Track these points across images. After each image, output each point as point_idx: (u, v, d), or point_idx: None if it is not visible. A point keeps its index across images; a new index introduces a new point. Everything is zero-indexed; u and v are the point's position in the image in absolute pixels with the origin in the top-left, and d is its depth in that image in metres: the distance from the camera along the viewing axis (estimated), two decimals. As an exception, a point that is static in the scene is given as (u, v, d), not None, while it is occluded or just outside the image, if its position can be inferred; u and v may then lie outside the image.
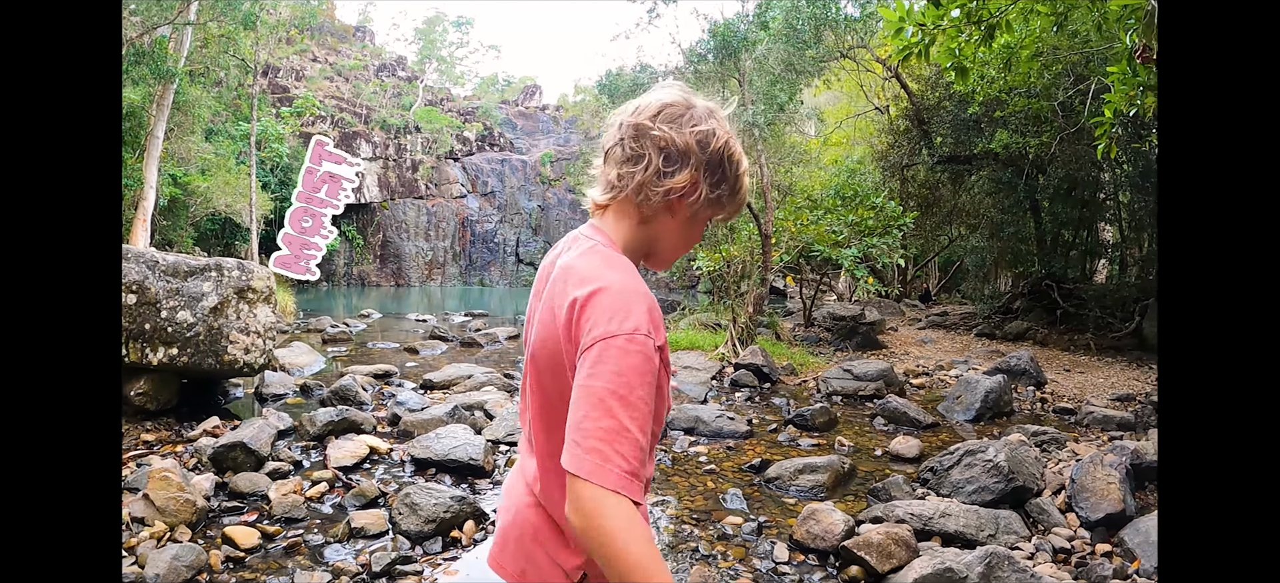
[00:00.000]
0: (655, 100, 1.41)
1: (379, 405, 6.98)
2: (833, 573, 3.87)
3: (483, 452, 5.31)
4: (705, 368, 9.34)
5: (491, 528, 4.24)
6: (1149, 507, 4.92)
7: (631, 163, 1.38)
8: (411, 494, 4.35)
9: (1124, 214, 11.44)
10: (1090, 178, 10.66)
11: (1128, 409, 7.56)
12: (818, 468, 5.16)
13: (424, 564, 3.90)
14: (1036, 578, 3.52)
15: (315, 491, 4.75)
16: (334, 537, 4.13)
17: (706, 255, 11.70)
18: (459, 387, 7.87)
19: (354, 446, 5.42)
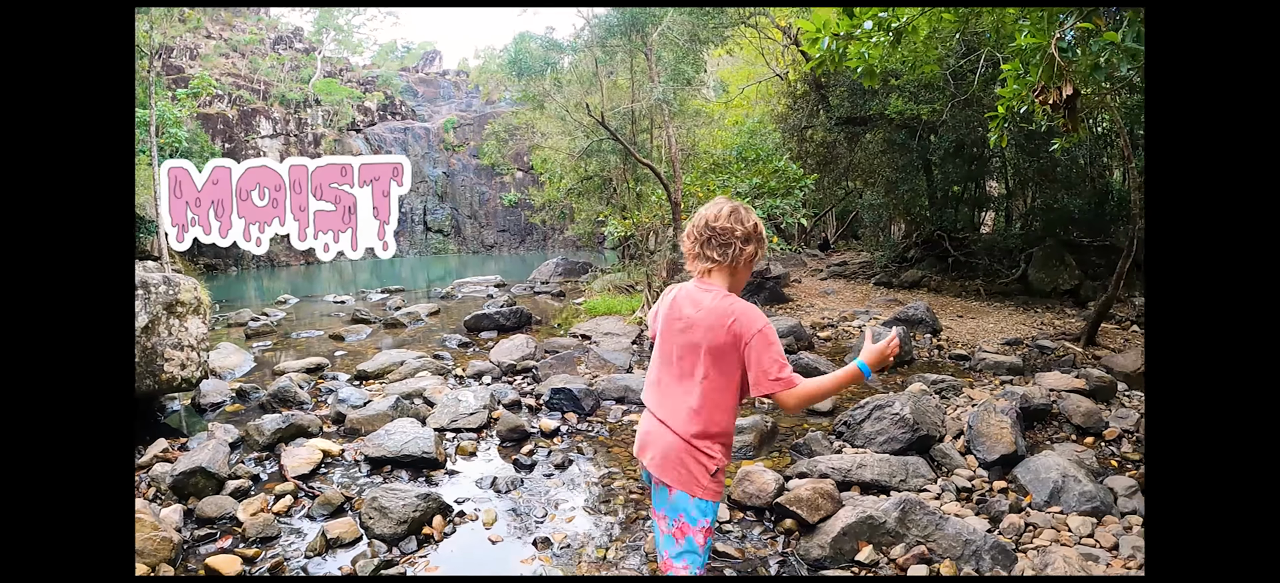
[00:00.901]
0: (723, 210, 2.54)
1: (319, 404, 6.90)
2: (769, 527, 4.26)
3: (433, 444, 5.36)
4: (625, 332, 9.65)
5: (459, 521, 4.46)
6: (1037, 446, 5.50)
7: (724, 247, 2.50)
8: (378, 498, 4.40)
9: (1009, 171, 12.26)
10: (977, 138, 11.39)
11: (1016, 353, 8.26)
12: (744, 429, 5.53)
13: (405, 565, 4.00)
14: (944, 518, 3.98)
15: (281, 505, 4.70)
16: (311, 551, 4.13)
17: (616, 221, 11.95)
18: (393, 375, 7.85)
19: (307, 452, 5.36)
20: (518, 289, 14.93)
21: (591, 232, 16.28)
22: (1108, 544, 4.14)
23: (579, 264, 17.20)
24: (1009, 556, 3.85)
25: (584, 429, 6.09)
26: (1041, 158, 10.64)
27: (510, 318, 10.64)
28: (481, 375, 7.76)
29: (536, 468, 5.30)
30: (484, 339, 9.87)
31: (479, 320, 10.55)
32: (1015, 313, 10.46)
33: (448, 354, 8.79)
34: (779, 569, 3.86)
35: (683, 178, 11.01)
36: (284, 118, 29.11)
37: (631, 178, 12.72)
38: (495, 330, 10.37)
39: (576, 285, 14.84)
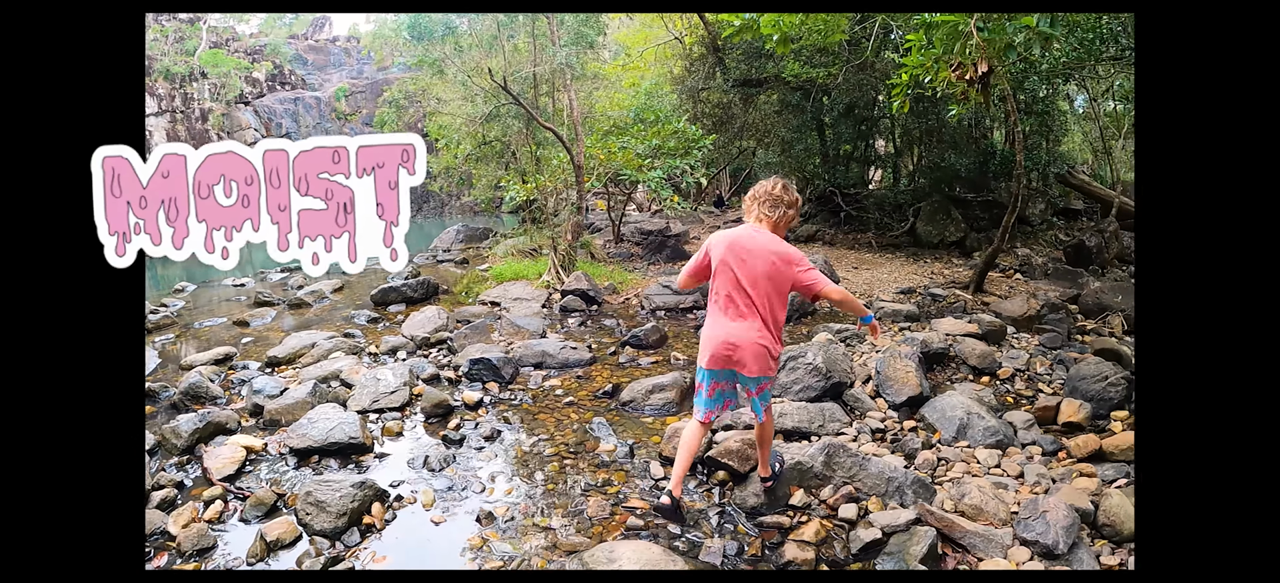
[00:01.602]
0: (778, 184, 3.71)
1: (233, 397, 6.46)
2: (704, 479, 4.35)
3: (359, 428, 5.14)
4: (534, 297, 9.58)
5: (398, 506, 4.31)
6: (939, 387, 5.78)
7: (774, 207, 3.66)
8: (313, 492, 4.21)
9: (898, 131, 12.74)
10: (868, 100, 11.77)
11: (911, 301, 8.63)
12: (665, 386, 5.63)
13: (351, 559, 3.87)
14: (867, 458, 4.16)
15: (212, 512, 4.39)
16: (253, 557, 3.93)
17: (517, 186, 11.81)
18: (306, 358, 7.46)
19: (229, 451, 5.02)
20: (420, 258, 14.53)
21: (491, 197, 15.98)
22: (1014, 473, 4.41)
23: (479, 230, 16.91)
24: (928, 488, 4.07)
25: (507, 398, 5.99)
26: (929, 119, 11.10)
27: (417, 289, 10.32)
28: (396, 351, 7.48)
29: (466, 442, 5.17)
30: (393, 313, 9.54)
31: (386, 294, 10.19)
32: (906, 264, 10.92)
33: (358, 331, 8.44)
34: (719, 520, 3.95)
35: (584, 141, 10.96)
36: (169, 93, 27.39)
37: (533, 142, 12.57)
38: (403, 303, 10.04)
39: (479, 251, 14.60)
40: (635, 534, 3.83)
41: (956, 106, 6.68)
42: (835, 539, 3.71)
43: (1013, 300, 8.60)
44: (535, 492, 4.42)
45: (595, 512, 4.07)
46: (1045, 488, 4.22)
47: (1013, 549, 3.60)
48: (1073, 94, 13.61)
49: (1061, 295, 9.12)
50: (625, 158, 10.98)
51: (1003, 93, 7.52)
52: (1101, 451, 4.60)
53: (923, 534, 3.58)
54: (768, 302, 3.56)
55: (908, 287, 9.39)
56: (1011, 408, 5.47)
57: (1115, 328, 8.31)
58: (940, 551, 3.59)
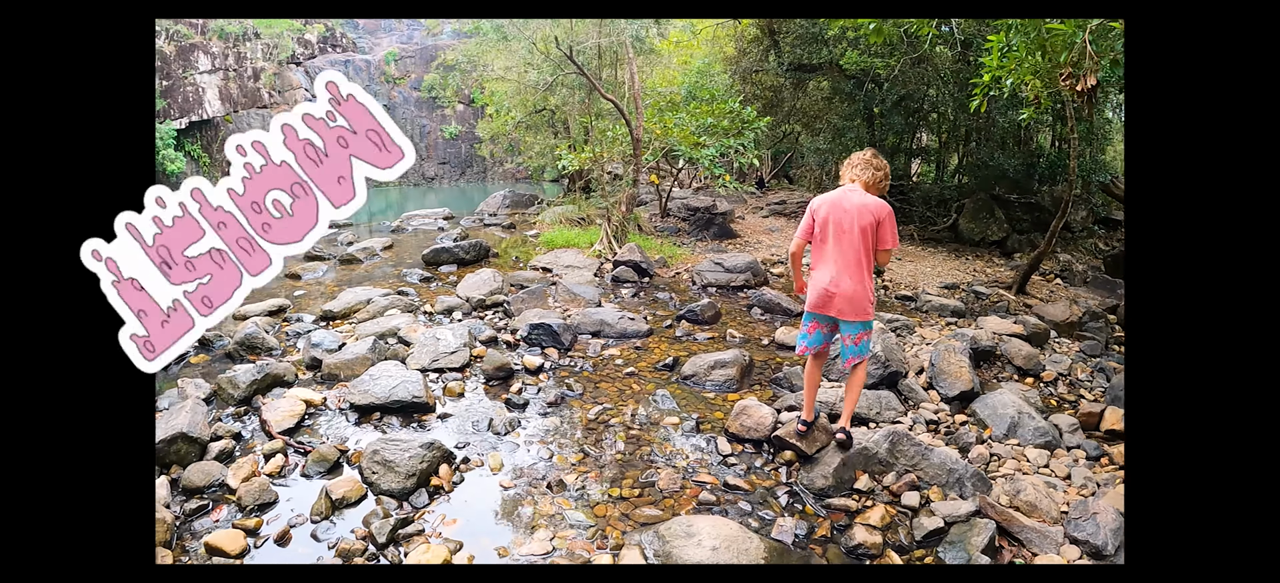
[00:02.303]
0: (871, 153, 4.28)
1: (289, 349, 6.40)
2: (769, 458, 4.50)
3: (422, 387, 5.12)
4: (585, 265, 9.72)
5: (465, 468, 4.31)
6: (986, 384, 5.89)
7: (865, 169, 4.18)
8: (380, 450, 4.19)
9: (944, 126, 12.72)
10: (920, 94, 11.75)
11: (955, 297, 8.71)
12: (727, 363, 5.75)
13: (420, 521, 3.84)
14: (929, 448, 4.31)
15: (273, 466, 4.31)
16: (317, 514, 3.87)
17: (572, 156, 11.92)
18: (361, 313, 7.43)
19: (288, 404, 4.94)
20: (467, 222, 14.64)
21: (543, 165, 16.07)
22: (1062, 474, 4.54)
23: (525, 196, 17.02)
24: (985, 482, 4.21)
25: (567, 364, 6.07)
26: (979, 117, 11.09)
27: (469, 251, 10.36)
28: (451, 312, 7.47)
29: (529, 407, 5.22)
30: (445, 273, 9.61)
31: (437, 254, 10.22)
32: (948, 258, 10.96)
33: (411, 290, 8.45)
34: (788, 500, 4.11)
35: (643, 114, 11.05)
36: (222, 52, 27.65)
37: (590, 113, 12.65)
38: (454, 264, 10.09)
39: (524, 217, 14.71)
40: (708, 509, 3.97)
41: (1028, 111, 6.73)
42: (899, 525, 3.86)
43: (1055, 305, 8.66)
44: (604, 461, 4.49)
45: (667, 485, 4.18)
46: (1092, 491, 4.35)
47: (1064, 547, 3.74)
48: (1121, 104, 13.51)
49: (1101, 304, 9.16)
50: (681, 134, 11.05)
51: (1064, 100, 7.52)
52: (1147, 460, 4.71)
53: (983, 526, 3.73)
54: (861, 256, 4.03)
55: (951, 282, 9.46)
56: (1055, 411, 5.57)
57: (1155, 339, 8.34)
58: (997, 543, 3.74)
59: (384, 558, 3.57)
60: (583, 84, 12.19)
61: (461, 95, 32.61)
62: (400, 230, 14.03)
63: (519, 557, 3.59)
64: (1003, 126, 11.56)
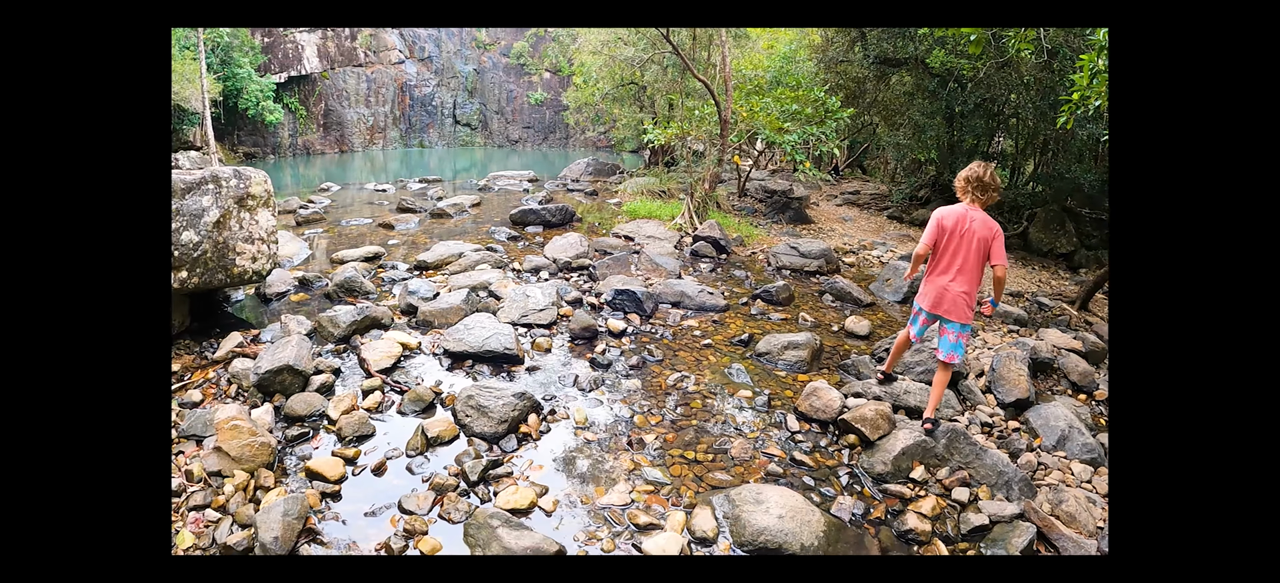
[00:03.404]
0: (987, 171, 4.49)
1: (384, 295, 6.71)
2: (834, 439, 4.78)
3: (513, 340, 5.33)
4: (666, 237, 10.00)
5: (552, 419, 4.60)
6: (1041, 394, 6.05)
7: (982, 191, 4.49)
8: (474, 396, 4.40)
9: (1024, 133, 12.59)
10: (1002, 99, 11.67)
11: (1019, 305, 8.78)
12: (799, 345, 5.98)
13: (508, 464, 4.08)
14: (984, 449, 4.54)
15: (371, 402, 4.54)
16: (413, 449, 4.11)
17: (658, 130, 12.17)
18: (453, 266, 7.68)
19: (385, 345, 5.18)
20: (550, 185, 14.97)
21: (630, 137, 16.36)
22: (1103, 492, 4.73)
23: (608, 166, 17.34)
24: (1031, 488, 4.43)
25: (648, 331, 6.31)
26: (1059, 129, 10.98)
27: (555, 214, 10.59)
28: (538, 271, 7.74)
29: (612, 367, 5.47)
30: (531, 234, 9.90)
31: (524, 215, 10.48)
32: (1015, 266, 10.94)
33: (499, 247, 8.72)
34: (848, 480, 4.40)
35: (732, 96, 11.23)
36: (321, 10, 28.61)
37: (680, 91, 12.87)
38: (541, 226, 10.35)
39: (606, 185, 14.99)
40: (774, 480, 4.26)
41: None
42: (948, 517, 4.11)
43: (1116, 323, 8.67)
44: (681, 425, 4.77)
45: (738, 453, 4.48)
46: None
47: (1101, 557, 3.96)
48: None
49: (1163, 326, 9.10)
50: (767, 119, 11.22)
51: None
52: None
53: (1024, 529, 3.96)
54: (974, 267, 4.50)
55: (1015, 290, 9.50)
56: (1103, 430, 5.71)
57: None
58: (1035, 548, 3.97)
59: (474, 495, 3.86)
60: (676, 63, 12.40)
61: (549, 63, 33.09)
62: (487, 189, 14.42)
63: (599, 505, 3.89)
64: (1082, 139, 11.42)
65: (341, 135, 29.49)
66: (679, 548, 3.57)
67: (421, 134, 32.56)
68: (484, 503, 3.79)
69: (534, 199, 11.65)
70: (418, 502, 3.72)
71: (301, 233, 9.53)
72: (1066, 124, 6.31)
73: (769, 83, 13.60)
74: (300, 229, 9.82)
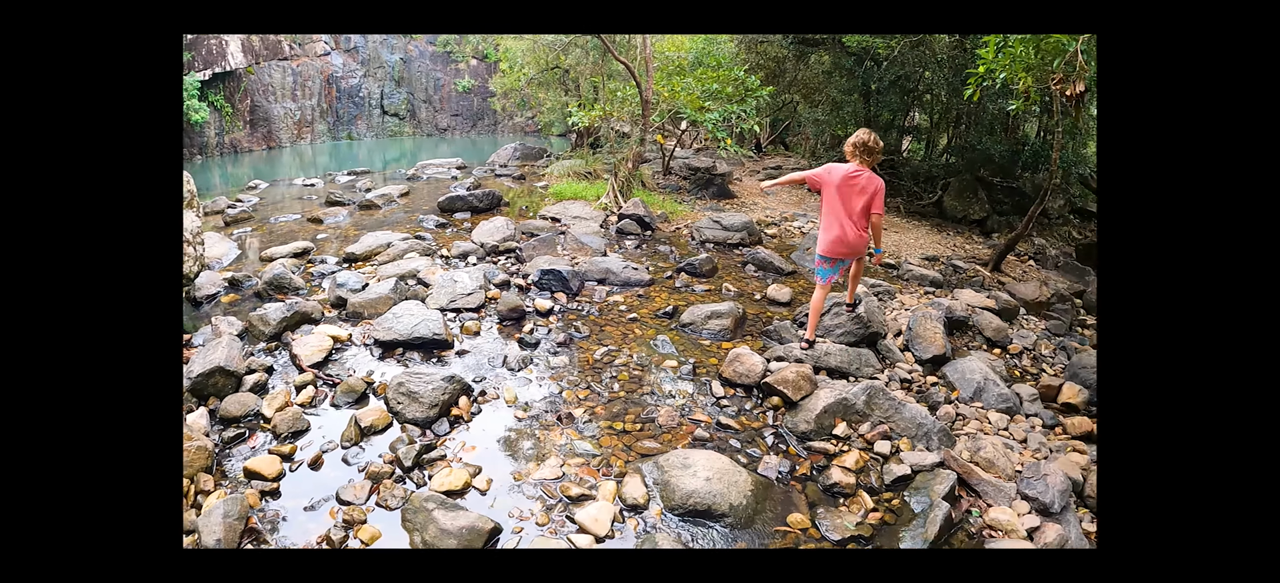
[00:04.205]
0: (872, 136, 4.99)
1: (314, 289, 6.52)
2: (759, 402, 4.74)
3: (442, 325, 5.27)
4: (592, 217, 9.85)
5: (483, 400, 4.55)
6: (958, 350, 6.13)
7: (868, 154, 4.95)
8: (405, 382, 4.36)
9: (937, 108, 12.85)
10: (916, 75, 11.86)
11: (935, 269, 8.93)
12: (722, 314, 5.95)
13: (442, 447, 4.05)
14: (902, 403, 4.55)
15: (305, 397, 4.46)
16: (347, 441, 4.05)
17: (581, 112, 11.99)
18: (382, 256, 7.53)
19: (316, 339, 5.08)
20: (479, 172, 14.64)
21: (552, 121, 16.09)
22: (1019, 438, 4.80)
23: (535, 150, 17.06)
24: (950, 438, 4.46)
25: (575, 308, 6.23)
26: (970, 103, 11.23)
27: (482, 200, 10.37)
28: (467, 256, 7.60)
29: (541, 346, 5.40)
30: (459, 220, 9.68)
31: (452, 202, 10.22)
32: (931, 232, 11.15)
33: (428, 235, 8.55)
34: (774, 441, 4.36)
35: (653, 77, 11.13)
36: (251, 5, 27.45)
37: (602, 74, 12.70)
38: (469, 211, 10.11)
39: (534, 169, 14.75)
40: (701, 444, 4.21)
41: (1017, 103, 6.89)
42: (871, 470, 4.11)
43: (1026, 285, 8.88)
44: (608, 398, 4.72)
45: (665, 421, 4.43)
46: (1044, 455, 4.61)
47: (1016, 502, 4.00)
48: (1102, 103, 13.64)
49: (1069, 288, 9.38)
50: (688, 98, 11.15)
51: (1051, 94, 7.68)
52: (1093, 433, 4.98)
53: (945, 476, 3.98)
54: (862, 216, 4.98)
55: (932, 254, 9.67)
56: (1018, 381, 5.81)
57: (1116, 321, 8.58)
58: (957, 493, 3.99)
59: (410, 481, 3.79)
60: (597, 45, 12.23)
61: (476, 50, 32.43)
62: (415, 178, 14.07)
63: (532, 480, 3.84)
64: (992, 113, 11.69)
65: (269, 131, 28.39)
66: (611, 516, 3.57)
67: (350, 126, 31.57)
68: (419, 487, 3.78)
69: (462, 186, 11.38)
70: (355, 492, 3.70)
71: (230, 233, 9.17)
72: (973, 97, 6.40)
73: (691, 63, 13.55)
74: (229, 229, 9.45)
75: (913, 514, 3.79)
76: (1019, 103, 6.87)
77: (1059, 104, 5.76)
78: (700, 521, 3.65)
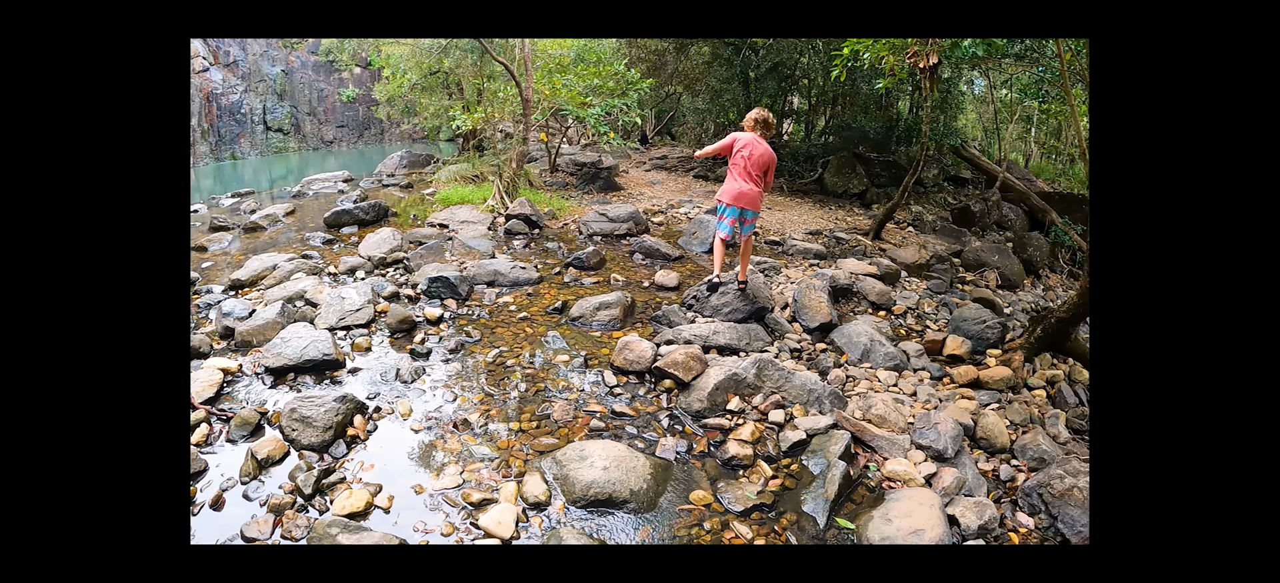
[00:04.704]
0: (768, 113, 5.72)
1: (201, 321, 6.10)
2: (652, 386, 4.63)
3: (331, 345, 5.00)
4: (479, 220, 9.57)
5: (378, 417, 4.28)
6: (845, 316, 6.19)
7: (765, 128, 5.66)
8: (297, 408, 4.15)
9: (814, 91, 13.13)
10: (793, 62, 12.07)
11: (819, 242, 9.06)
12: (611, 304, 5.82)
13: (341, 470, 3.84)
14: (791, 373, 4.52)
15: (199, 436, 4.19)
16: (245, 475, 3.83)
17: (464, 116, 11.67)
18: (269, 280, 7.08)
19: (206, 374, 4.76)
20: (366, 183, 14.02)
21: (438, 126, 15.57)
22: (908, 392, 4.86)
23: (422, 157, 16.48)
24: (841, 399, 4.46)
25: (465, 313, 6.01)
26: (845, 85, 11.50)
27: (369, 212, 9.91)
28: (355, 271, 7.24)
29: (432, 355, 5.18)
30: (347, 235, 9.16)
31: (339, 217, 9.70)
32: (814, 208, 11.36)
33: (315, 253, 8.11)
34: (669, 422, 4.25)
35: (532, 76, 10.89)
36: None
37: (482, 76, 12.37)
38: (356, 225, 9.64)
39: (422, 177, 14.25)
40: (598, 435, 4.07)
41: (884, 80, 7.04)
42: (768, 439, 4.06)
43: (906, 249, 9.13)
44: (503, 399, 4.53)
45: (560, 416, 4.27)
46: (934, 406, 4.67)
47: (911, 452, 4.02)
48: (974, 79, 14.24)
49: (947, 250, 9.72)
50: (569, 95, 10.98)
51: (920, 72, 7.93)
52: (979, 380, 5.09)
53: (839, 437, 3.96)
54: (759, 178, 5.64)
55: (815, 229, 9.82)
56: (904, 339, 5.92)
57: (991, 281, 8.96)
58: (853, 451, 3.98)
59: (312, 508, 3.55)
60: (475, 47, 11.91)
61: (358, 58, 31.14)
62: (301, 195, 13.36)
63: (433, 491, 3.64)
64: (866, 93, 12.02)
65: (145, 157, 26.55)
66: (514, 517, 3.44)
67: (232, 145, 29.65)
68: (322, 514, 3.54)
69: (349, 199, 10.84)
70: (258, 527, 3.44)
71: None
72: (840, 77, 6.52)
73: (572, 60, 13.37)
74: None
75: (812, 476, 3.77)
76: (886, 80, 7.02)
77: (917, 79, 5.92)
78: (603, 510, 3.53)
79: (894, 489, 3.76)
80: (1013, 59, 8.08)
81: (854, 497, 3.73)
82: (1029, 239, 11.20)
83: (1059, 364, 5.67)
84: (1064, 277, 10.93)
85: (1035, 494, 3.82)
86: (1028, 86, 9.51)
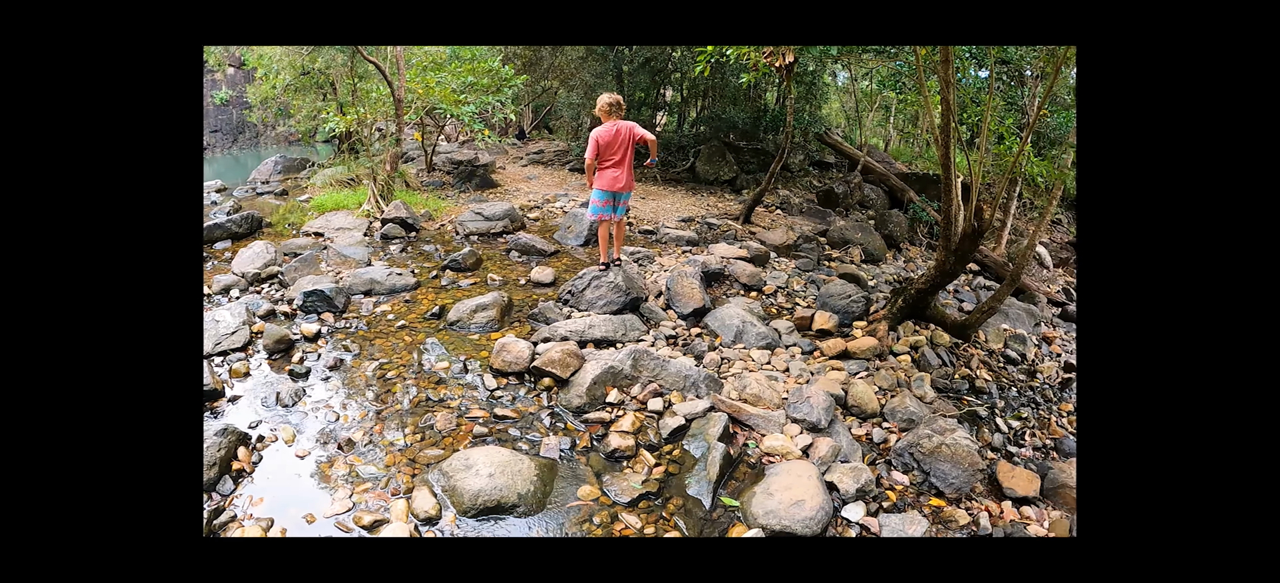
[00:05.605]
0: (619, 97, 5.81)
1: None
2: (531, 386, 4.52)
3: (208, 374, 4.58)
4: (355, 226, 9.14)
5: (262, 447, 3.97)
6: (718, 300, 6.27)
7: (620, 109, 5.78)
8: None
9: (685, 84, 13.27)
10: (664, 56, 12.14)
11: (691, 228, 9.15)
12: (488, 305, 5.63)
13: (230, 508, 3.56)
14: (667, 360, 4.53)
15: None
16: None
17: (338, 117, 11.14)
18: None
19: None
20: (240, 192, 13.10)
21: (309, 128, 14.76)
22: (781, 368, 4.96)
23: (297, 161, 15.56)
24: (717, 382, 4.50)
25: (343, 326, 5.68)
26: (715, 78, 11.66)
27: (242, 224, 9.20)
28: (229, 290, 6.69)
29: (312, 374, 4.86)
30: (220, 250, 8.47)
31: (210, 231, 8.91)
32: (686, 197, 11.49)
33: None
34: (551, 421, 4.16)
35: (405, 75, 10.49)
36: None
37: (354, 75, 11.80)
38: (230, 239, 8.91)
39: (297, 182, 13.49)
40: (482, 441, 3.95)
41: (748, 75, 7.16)
42: (648, 427, 4.04)
43: (775, 232, 9.37)
44: (385, 413, 4.32)
45: (443, 425, 4.10)
46: (806, 380, 4.79)
47: (787, 426, 4.10)
48: (837, 71, 14.74)
49: (814, 230, 10.03)
50: (442, 93, 10.66)
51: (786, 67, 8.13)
52: (847, 351, 5.26)
53: (717, 419, 4.00)
54: (630, 156, 5.81)
55: (688, 216, 9.93)
56: (775, 318, 6.05)
57: (855, 257, 9.30)
58: (732, 431, 4.02)
59: None
60: (346, 47, 11.37)
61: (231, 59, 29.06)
62: (165, 208, 12.39)
63: (325, 519, 3.41)
64: (735, 86, 12.23)
65: None
66: (408, 534, 3.29)
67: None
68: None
69: (222, 211, 10.04)
70: None
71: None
72: (704, 72, 6.59)
73: (447, 58, 12.97)
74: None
75: (694, 460, 3.78)
76: (749, 75, 7.15)
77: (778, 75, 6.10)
78: (494, 516, 3.43)
79: (773, 464, 3.83)
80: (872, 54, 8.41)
81: (736, 475, 3.78)
82: (889, 217, 11.71)
83: (921, 330, 5.93)
84: (923, 249, 11.49)
85: (907, 454, 3.99)
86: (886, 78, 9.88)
